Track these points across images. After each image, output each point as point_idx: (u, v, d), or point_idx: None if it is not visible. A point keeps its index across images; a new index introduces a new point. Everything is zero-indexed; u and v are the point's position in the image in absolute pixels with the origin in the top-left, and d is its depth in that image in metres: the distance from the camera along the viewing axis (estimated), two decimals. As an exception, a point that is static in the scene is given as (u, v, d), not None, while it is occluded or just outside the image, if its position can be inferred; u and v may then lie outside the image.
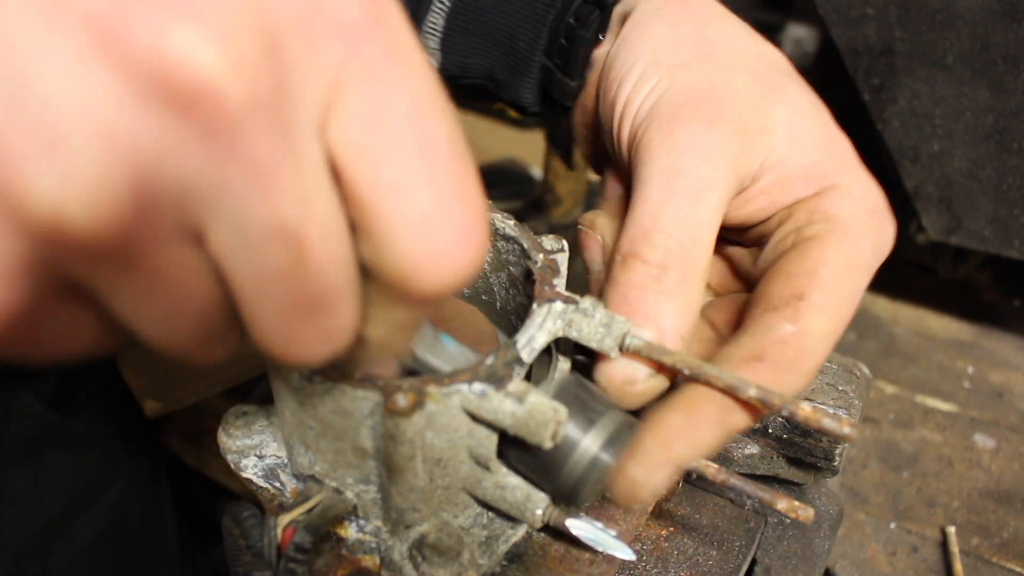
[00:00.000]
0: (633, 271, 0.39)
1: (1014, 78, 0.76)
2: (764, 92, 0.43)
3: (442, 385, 0.35)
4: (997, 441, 0.85)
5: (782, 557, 0.48)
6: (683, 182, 0.40)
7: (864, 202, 0.42)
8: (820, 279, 0.39)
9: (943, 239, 0.87)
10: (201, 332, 0.26)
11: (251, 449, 0.44)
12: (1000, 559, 0.72)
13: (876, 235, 0.42)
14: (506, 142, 1.67)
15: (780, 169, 0.42)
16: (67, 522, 0.76)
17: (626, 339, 0.39)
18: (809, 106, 0.44)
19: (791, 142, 0.42)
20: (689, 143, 0.40)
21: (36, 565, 0.72)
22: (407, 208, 0.25)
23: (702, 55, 0.44)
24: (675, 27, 0.45)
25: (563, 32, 0.54)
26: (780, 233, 0.43)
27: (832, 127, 0.44)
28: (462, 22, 0.58)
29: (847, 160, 0.43)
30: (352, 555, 0.40)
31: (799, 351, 0.38)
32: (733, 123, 0.41)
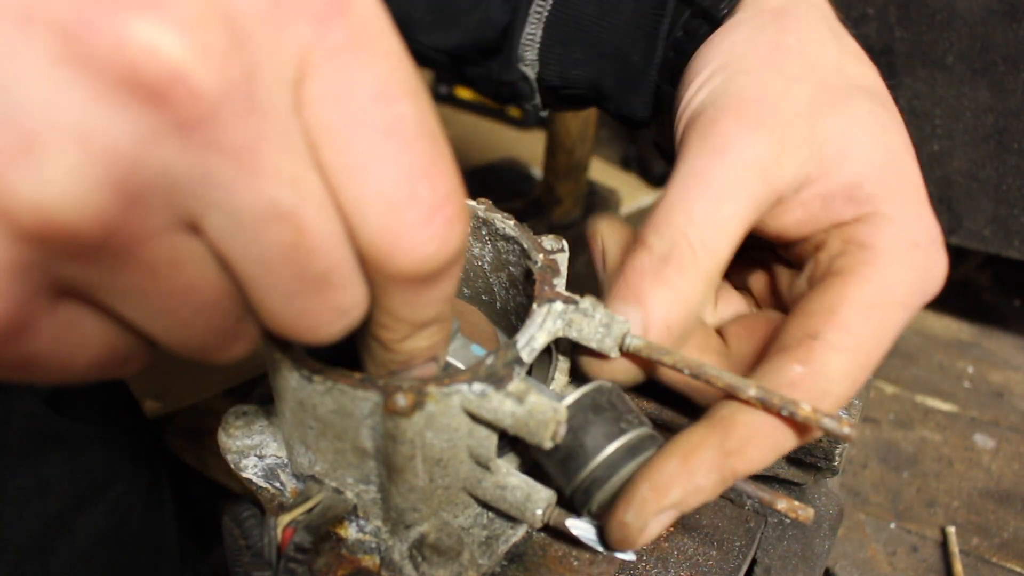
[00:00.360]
0: (637, 256, 0.39)
1: (1014, 78, 0.76)
2: (824, 104, 0.41)
3: (442, 385, 0.35)
4: (997, 441, 0.85)
5: (782, 557, 0.48)
6: (704, 184, 0.39)
7: (906, 233, 0.39)
8: (839, 317, 0.37)
9: (943, 239, 0.87)
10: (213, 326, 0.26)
11: (251, 449, 0.44)
12: (1000, 559, 0.72)
13: (916, 270, 0.39)
14: (506, 142, 1.67)
15: (822, 183, 0.40)
16: (68, 522, 0.76)
17: (626, 339, 0.39)
18: (875, 123, 0.41)
19: (840, 158, 0.40)
20: (721, 146, 0.40)
21: (37, 565, 0.72)
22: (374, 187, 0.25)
23: (770, 61, 0.42)
24: (755, 33, 0.44)
25: (671, 46, 0.53)
26: (813, 262, 0.41)
27: (897, 151, 0.41)
28: (562, 32, 0.57)
29: (902, 185, 0.41)
30: (352, 555, 0.40)
31: (811, 393, 0.36)
32: (774, 131, 0.40)
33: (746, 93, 0.41)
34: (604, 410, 0.38)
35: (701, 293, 0.39)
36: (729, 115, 0.40)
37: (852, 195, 0.40)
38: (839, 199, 0.40)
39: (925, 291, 0.40)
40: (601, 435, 0.37)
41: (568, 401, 0.38)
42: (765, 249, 0.47)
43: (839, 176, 0.40)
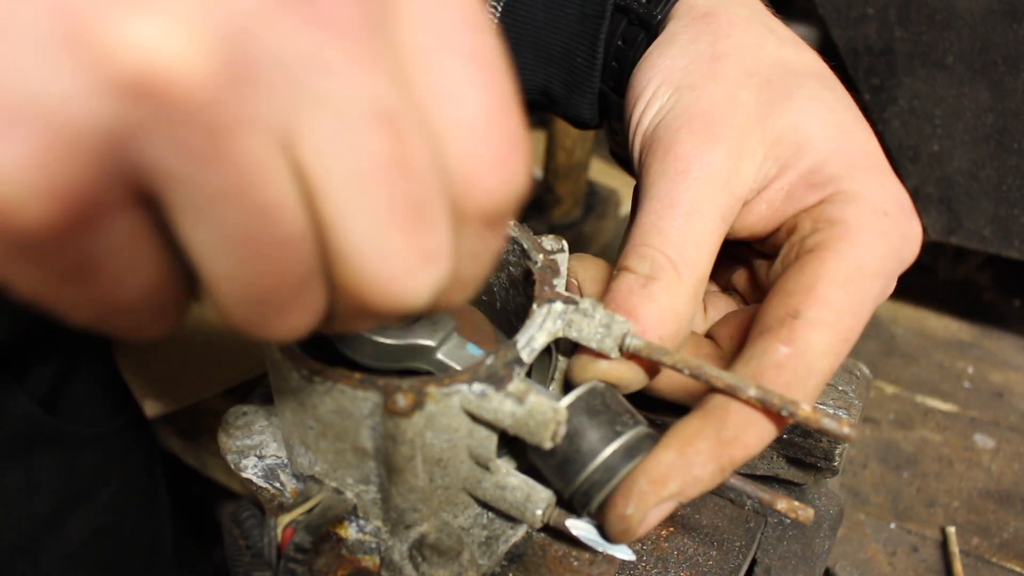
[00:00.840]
0: (623, 279, 0.40)
1: (1014, 78, 0.76)
2: (771, 101, 0.42)
3: (442, 385, 0.35)
4: (997, 441, 0.85)
5: (782, 557, 0.48)
6: (672, 206, 0.41)
7: (873, 202, 0.40)
8: (816, 293, 0.38)
9: (943, 239, 0.87)
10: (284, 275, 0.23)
11: (251, 449, 0.44)
12: (1000, 559, 0.72)
13: (888, 238, 0.40)
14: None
15: (783, 179, 0.42)
16: (58, 521, 0.76)
17: (626, 339, 0.39)
18: (823, 108, 0.43)
19: (795, 150, 0.42)
20: (680, 168, 0.41)
21: (27, 564, 0.72)
22: (461, 113, 0.24)
23: (710, 72, 0.44)
24: (691, 45, 0.45)
25: (613, 55, 0.54)
26: (787, 246, 0.42)
27: (850, 128, 0.43)
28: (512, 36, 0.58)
29: (860, 161, 0.42)
30: (352, 555, 0.40)
31: (797, 373, 0.37)
32: (728, 141, 0.41)
33: (695, 108, 0.43)
34: (599, 412, 0.38)
35: (688, 305, 0.40)
36: (683, 134, 0.42)
37: (812, 181, 0.42)
38: (801, 188, 0.42)
39: (901, 257, 0.41)
40: (597, 438, 0.37)
41: (564, 404, 0.38)
42: (743, 246, 0.48)
43: (797, 167, 0.42)
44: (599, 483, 0.37)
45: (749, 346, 0.39)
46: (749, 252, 0.49)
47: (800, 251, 0.41)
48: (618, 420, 0.38)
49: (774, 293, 0.40)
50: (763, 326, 0.39)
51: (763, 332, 0.39)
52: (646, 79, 0.46)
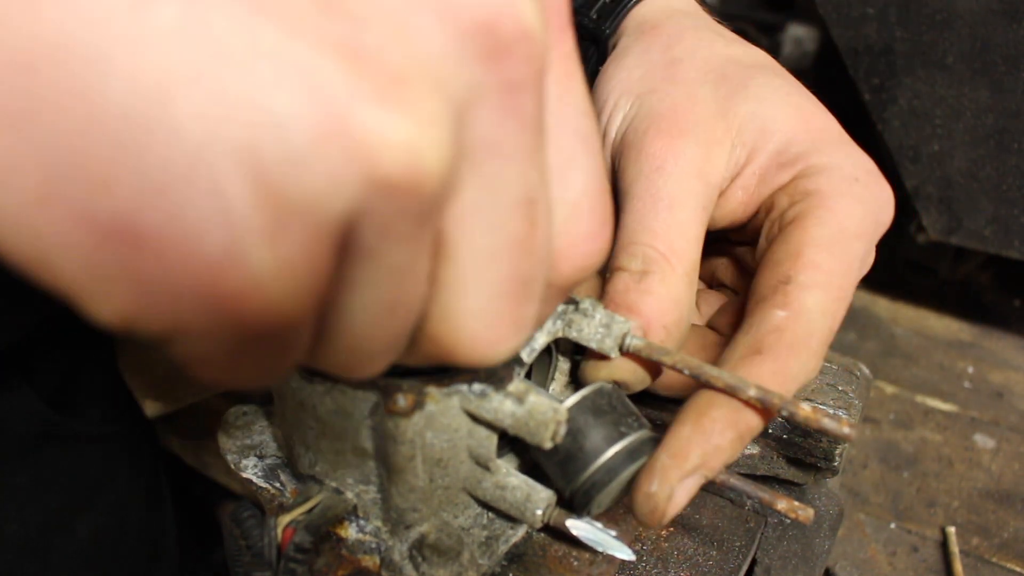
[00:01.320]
0: (617, 279, 0.41)
1: (1014, 78, 0.76)
2: (729, 94, 0.44)
3: (442, 386, 0.35)
4: (997, 441, 0.85)
5: (782, 557, 0.48)
6: (653, 201, 0.42)
7: (843, 171, 0.42)
8: (805, 258, 0.39)
9: (943, 239, 0.87)
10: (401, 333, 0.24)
11: (251, 449, 0.44)
12: (1000, 559, 0.72)
13: (863, 202, 0.41)
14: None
15: (753, 162, 0.44)
16: (67, 520, 0.76)
17: (626, 339, 0.39)
18: (779, 93, 0.45)
19: (759, 134, 0.43)
20: (654, 165, 0.43)
21: (36, 562, 0.72)
22: (569, 191, 0.25)
23: (667, 76, 0.46)
24: (644, 55, 0.48)
25: None
26: (768, 223, 0.44)
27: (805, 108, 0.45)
28: None
29: (824, 134, 0.44)
30: (352, 555, 0.40)
31: (797, 334, 0.38)
32: (695, 135, 0.43)
33: (658, 110, 0.44)
34: (604, 413, 0.38)
35: (686, 293, 0.41)
36: (651, 134, 0.43)
37: (782, 161, 0.43)
38: (772, 169, 0.43)
39: (878, 220, 0.42)
40: (601, 438, 0.37)
41: (569, 403, 0.38)
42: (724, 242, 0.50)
43: (766, 150, 0.43)
44: (600, 483, 0.37)
45: (747, 317, 0.40)
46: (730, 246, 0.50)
47: (782, 224, 0.42)
48: (623, 422, 0.38)
49: (763, 265, 0.41)
50: (758, 296, 0.40)
51: (759, 302, 0.40)
52: (606, 92, 0.48)
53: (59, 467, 0.76)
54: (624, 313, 0.40)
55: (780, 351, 0.38)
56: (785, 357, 0.38)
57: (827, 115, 0.45)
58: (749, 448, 0.50)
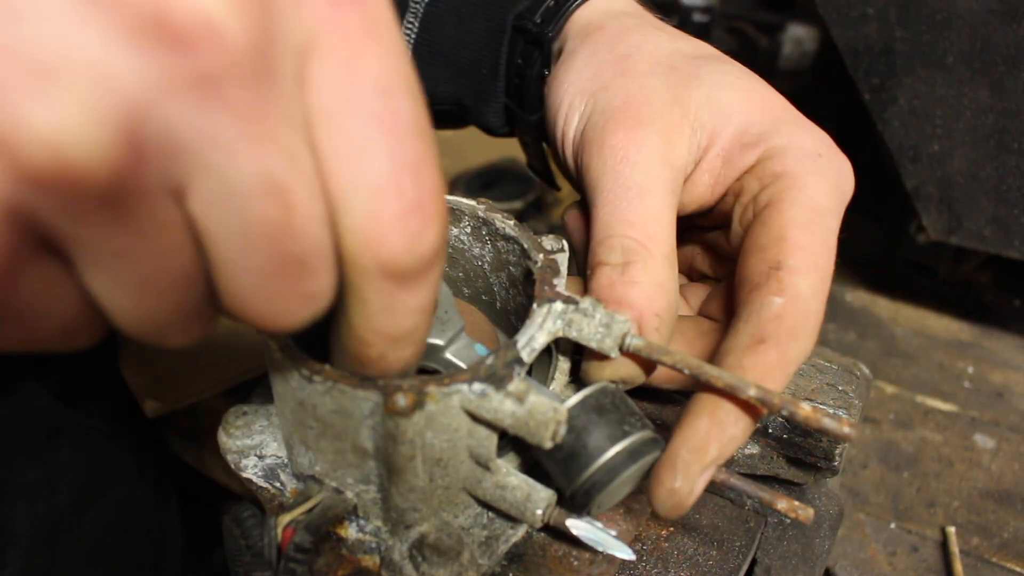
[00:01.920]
0: (600, 274, 0.41)
1: (1014, 78, 0.76)
2: (680, 83, 0.45)
3: (442, 385, 0.35)
4: (997, 441, 0.85)
5: (782, 557, 0.48)
6: (623, 191, 0.42)
7: (805, 148, 0.43)
8: (790, 241, 0.40)
9: (943, 239, 0.87)
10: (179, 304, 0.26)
11: (251, 449, 0.44)
12: (1000, 559, 0.72)
13: (828, 176, 0.42)
14: (506, 142, 1.67)
15: (715, 145, 0.44)
16: (77, 516, 0.76)
17: (626, 339, 0.39)
18: (729, 77, 0.46)
19: (717, 117, 0.44)
20: (618, 157, 0.43)
21: (45, 558, 0.72)
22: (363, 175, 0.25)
23: (618, 72, 0.46)
24: (593, 55, 0.48)
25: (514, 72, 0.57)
26: (739, 207, 0.44)
27: (758, 91, 0.46)
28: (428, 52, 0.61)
29: (780, 116, 0.45)
30: (352, 555, 0.40)
31: (796, 318, 0.39)
32: (653, 124, 0.43)
33: (614, 104, 0.45)
34: (607, 412, 0.38)
35: (670, 277, 0.41)
36: (610, 127, 0.44)
37: (744, 142, 0.44)
38: (735, 150, 0.44)
39: (842, 191, 0.43)
40: (604, 437, 0.37)
41: (572, 402, 0.38)
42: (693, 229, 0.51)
43: (726, 132, 0.44)
44: (601, 483, 0.37)
45: (744, 305, 0.40)
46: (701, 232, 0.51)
47: (756, 208, 0.43)
48: (626, 421, 0.38)
49: (747, 251, 0.42)
50: (750, 284, 0.40)
51: (752, 289, 0.40)
52: (559, 95, 0.49)
53: (68, 463, 0.76)
54: (613, 307, 0.40)
55: (782, 338, 0.38)
56: (787, 344, 0.38)
57: (779, 96, 0.46)
58: (749, 448, 0.50)
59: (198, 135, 0.22)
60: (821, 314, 0.40)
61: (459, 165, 1.50)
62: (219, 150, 0.22)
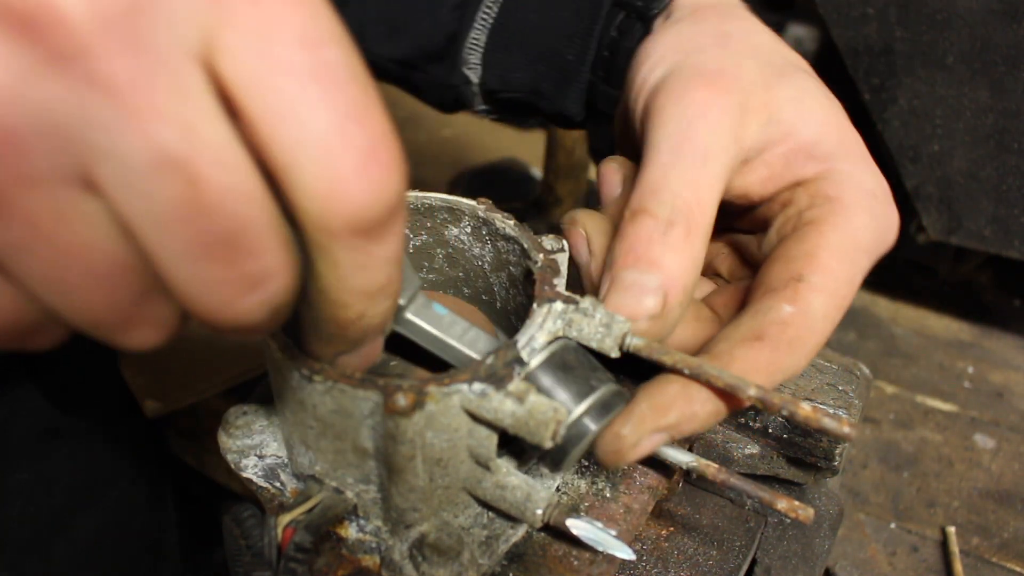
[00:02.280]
0: (641, 224, 0.40)
1: (1014, 78, 0.76)
2: (773, 75, 0.45)
3: (442, 385, 0.35)
4: (997, 441, 0.85)
5: (782, 557, 0.48)
6: (689, 146, 0.41)
7: (865, 186, 0.43)
8: (819, 260, 0.40)
9: (943, 239, 0.87)
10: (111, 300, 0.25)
11: (251, 449, 0.44)
12: (1000, 559, 0.72)
13: (877, 219, 0.42)
14: (506, 142, 1.67)
15: (783, 144, 0.44)
16: (69, 518, 0.76)
17: (626, 339, 0.39)
18: (819, 92, 0.45)
19: (796, 119, 0.44)
20: (696, 112, 0.42)
21: (37, 560, 0.72)
22: (305, 133, 0.24)
23: (718, 43, 0.46)
24: (699, 24, 0.48)
25: (606, 46, 0.56)
26: (782, 217, 0.44)
27: (841, 115, 0.45)
28: (505, 38, 0.60)
29: (851, 145, 0.44)
30: (352, 555, 0.40)
31: (799, 331, 0.38)
32: (737, 96, 0.43)
33: (706, 66, 0.44)
34: (573, 368, 0.38)
35: (703, 252, 0.41)
36: (697, 84, 0.43)
37: (812, 153, 0.43)
38: (800, 157, 0.44)
39: (885, 240, 0.43)
40: (574, 393, 0.37)
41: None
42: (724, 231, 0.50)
43: (798, 137, 0.44)
44: (574, 439, 0.37)
45: (754, 303, 0.40)
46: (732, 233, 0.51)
47: (798, 223, 0.42)
48: (593, 376, 0.38)
49: (776, 259, 0.41)
50: (767, 287, 0.40)
51: (768, 292, 0.40)
52: (652, 49, 0.48)
53: (62, 465, 0.76)
54: (645, 267, 0.39)
55: (780, 343, 0.38)
56: (783, 350, 0.38)
57: (854, 130, 0.46)
58: (749, 448, 0.50)
59: (76, 117, 0.21)
60: (824, 339, 0.39)
61: (459, 165, 1.50)
62: (101, 130, 0.21)
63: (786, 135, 0.44)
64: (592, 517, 0.40)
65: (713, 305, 0.47)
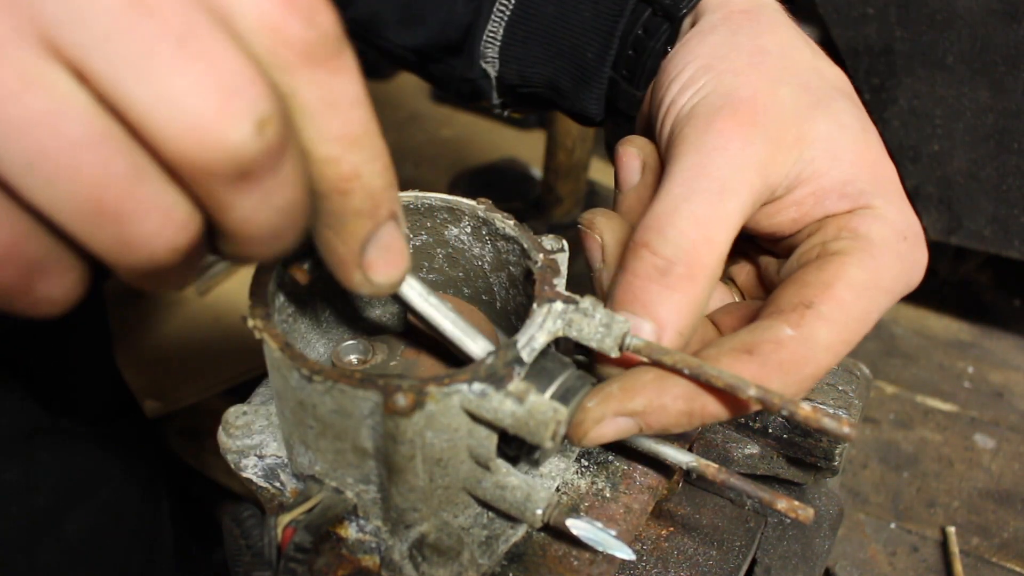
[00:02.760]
0: (641, 260, 0.39)
1: (1014, 78, 0.76)
2: (809, 105, 0.43)
3: (442, 385, 0.35)
4: (997, 441, 0.85)
5: (782, 557, 0.48)
6: (706, 181, 0.39)
7: (896, 226, 0.41)
8: (833, 291, 0.39)
9: (943, 239, 0.87)
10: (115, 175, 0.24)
11: (251, 449, 0.44)
12: (1000, 559, 0.72)
13: (903, 261, 0.41)
14: (506, 142, 1.67)
15: (815, 182, 0.42)
16: (57, 517, 0.76)
17: (626, 339, 0.39)
18: (856, 124, 0.43)
19: (830, 157, 0.42)
20: (718, 144, 0.40)
21: (23, 559, 0.72)
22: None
23: (753, 63, 0.44)
24: (733, 35, 0.46)
25: (631, 44, 0.55)
26: (806, 245, 0.43)
27: (877, 149, 0.44)
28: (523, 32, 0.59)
29: (886, 183, 0.43)
30: (352, 555, 0.40)
31: (795, 356, 0.37)
32: (768, 130, 0.41)
33: (738, 93, 0.42)
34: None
35: (707, 295, 0.39)
36: (725, 112, 0.41)
37: (845, 192, 0.42)
38: (832, 195, 0.42)
39: (910, 282, 0.42)
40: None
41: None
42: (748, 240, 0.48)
43: (831, 174, 0.42)
44: None
45: (758, 321, 0.39)
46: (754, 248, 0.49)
47: (822, 253, 0.41)
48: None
49: (790, 283, 0.40)
50: (776, 307, 0.39)
51: (774, 313, 0.39)
52: (683, 62, 0.46)
53: (48, 465, 0.76)
54: (640, 311, 0.39)
55: (769, 363, 0.37)
56: (771, 370, 0.37)
57: (890, 162, 0.44)
58: (749, 448, 0.50)
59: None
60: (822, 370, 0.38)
61: (459, 165, 1.50)
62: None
63: (818, 173, 0.42)
64: (592, 517, 0.40)
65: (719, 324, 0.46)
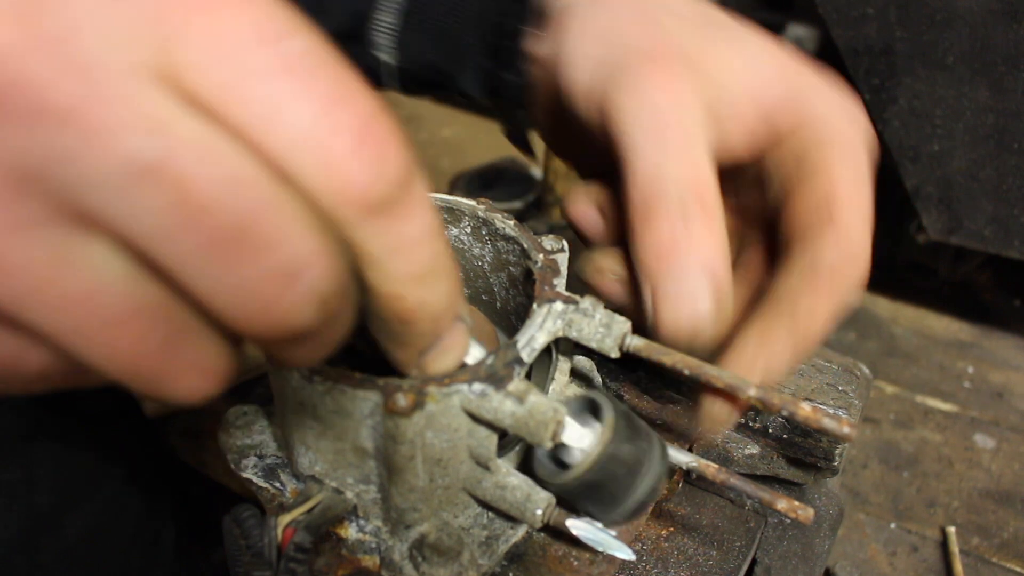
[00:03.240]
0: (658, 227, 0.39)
1: (1014, 78, 0.76)
2: (709, 37, 0.44)
3: (442, 385, 0.35)
4: (997, 441, 0.85)
5: (782, 557, 0.48)
6: (669, 132, 0.40)
7: (842, 113, 0.43)
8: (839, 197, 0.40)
9: (943, 239, 0.87)
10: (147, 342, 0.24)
11: (251, 449, 0.44)
12: (1000, 559, 0.72)
13: (864, 139, 0.43)
14: (506, 142, 1.67)
15: (745, 97, 0.43)
16: (57, 518, 0.76)
17: (626, 339, 0.39)
18: (757, 40, 0.45)
19: (752, 73, 0.44)
20: (661, 100, 0.41)
21: (25, 560, 0.72)
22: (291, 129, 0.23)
23: (639, 21, 0.45)
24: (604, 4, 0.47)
25: (489, 29, 0.56)
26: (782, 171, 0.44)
27: (786, 54, 0.45)
28: (418, 19, 0.60)
29: (811, 80, 0.44)
30: (352, 555, 0.40)
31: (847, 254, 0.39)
32: (691, 70, 0.42)
33: (644, 46, 0.43)
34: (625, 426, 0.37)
35: (724, 225, 0.40)
36: (647, 70, 0.42)
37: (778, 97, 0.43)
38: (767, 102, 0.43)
39: (872, 153, 0.44)
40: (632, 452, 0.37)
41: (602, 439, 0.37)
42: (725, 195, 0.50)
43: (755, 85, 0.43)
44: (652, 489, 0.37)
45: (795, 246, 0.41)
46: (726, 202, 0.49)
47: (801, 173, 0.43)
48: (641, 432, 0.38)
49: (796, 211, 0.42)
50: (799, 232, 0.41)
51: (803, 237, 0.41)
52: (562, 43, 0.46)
53: (48, 466, 0.76)
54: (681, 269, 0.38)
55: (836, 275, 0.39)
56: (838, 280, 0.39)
57: (803, 62, 0.46)
58: (749, 448, 0.50)
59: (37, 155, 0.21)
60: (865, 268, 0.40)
61: (459, 165, 1.50)
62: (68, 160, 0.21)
63: (744, 88, 0.43)
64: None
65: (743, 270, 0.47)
